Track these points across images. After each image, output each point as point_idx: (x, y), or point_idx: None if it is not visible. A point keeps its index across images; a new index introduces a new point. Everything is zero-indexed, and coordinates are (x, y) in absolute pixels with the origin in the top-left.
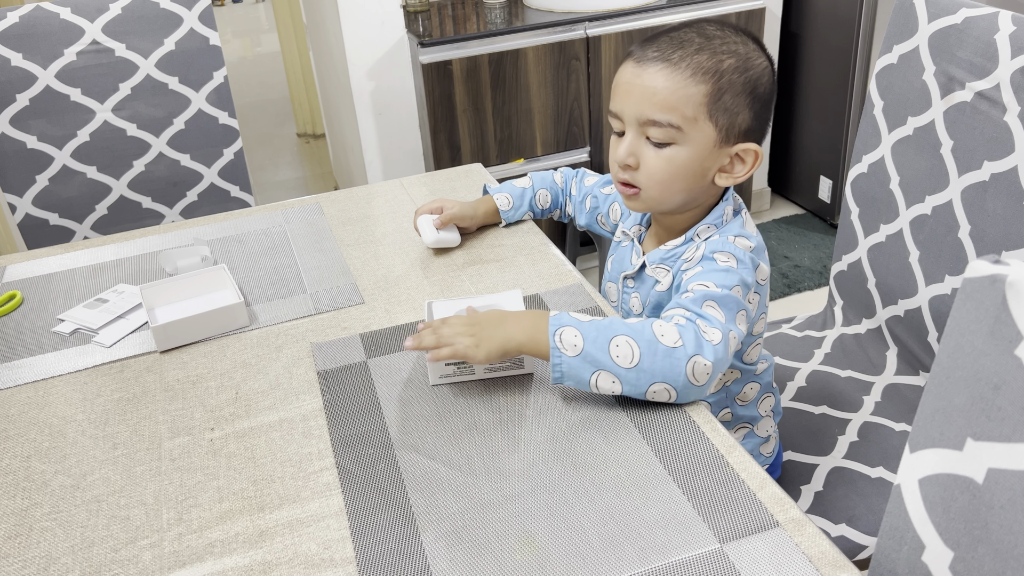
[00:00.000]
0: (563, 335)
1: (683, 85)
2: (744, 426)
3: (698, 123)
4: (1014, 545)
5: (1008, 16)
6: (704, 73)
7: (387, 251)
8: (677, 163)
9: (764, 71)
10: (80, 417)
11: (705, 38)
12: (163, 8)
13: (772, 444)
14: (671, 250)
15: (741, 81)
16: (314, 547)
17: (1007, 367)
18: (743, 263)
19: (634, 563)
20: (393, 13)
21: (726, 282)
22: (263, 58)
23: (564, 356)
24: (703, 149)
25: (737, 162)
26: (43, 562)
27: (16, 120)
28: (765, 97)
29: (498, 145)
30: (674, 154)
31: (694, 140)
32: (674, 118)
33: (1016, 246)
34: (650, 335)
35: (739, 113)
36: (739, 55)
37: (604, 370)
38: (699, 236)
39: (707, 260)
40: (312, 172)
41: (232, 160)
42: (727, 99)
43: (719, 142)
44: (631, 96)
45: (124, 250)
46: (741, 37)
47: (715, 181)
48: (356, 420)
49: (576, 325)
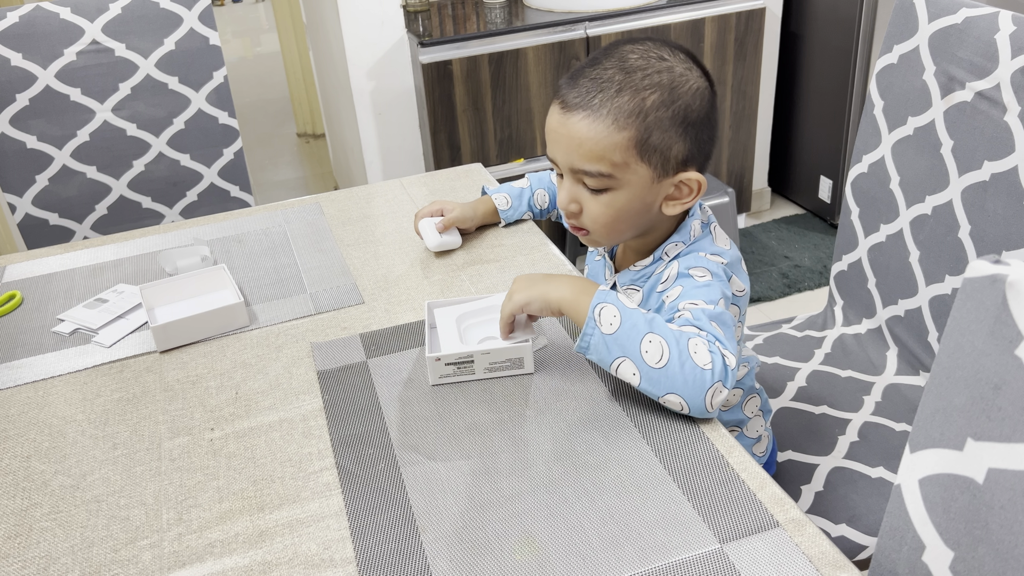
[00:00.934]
0: (603, 311)
1: (607, 134)
2: (733, 429)
3: (630, 167)
4: (1014, 545)
5: (1008, 16)
6: (627, 117)
7: (387, 251)
8: (616, 206)
9: (695, 94)
10: (80, 417)
11: (626, 73)
12: (163, 8)
13: (765, 443)
14: (640, 271)
15: (668, 116)
16: (314, 547)
17: (1007, 367)
18: (718, 276)
19: (634, 563)
20: (393, 13)
21: (712, 297)
22: (263, 58)
23: (597, 330)
24: (641, 189)
25: (683, 188)
26: (43, 562)
27: (16, 120)
28: (700, 121)
29: (498, 145)
30: (612, 199)
31: (629, 183)
32: (603, 167)
33: (1016, 246)
34: (684, 346)
35: (672, 146)
36: (663, 86)
37: (629, 359)
38: (667, 254)
39: (684, 277)
40: (312, 172)
41: (232, 160)
42: (656, 137)
43: (656, 178)
44: (560, 145)
45: (124, 250)
46: (667, 61)
47: (662, 210)
48: (356, 420)
49: (619, 307)
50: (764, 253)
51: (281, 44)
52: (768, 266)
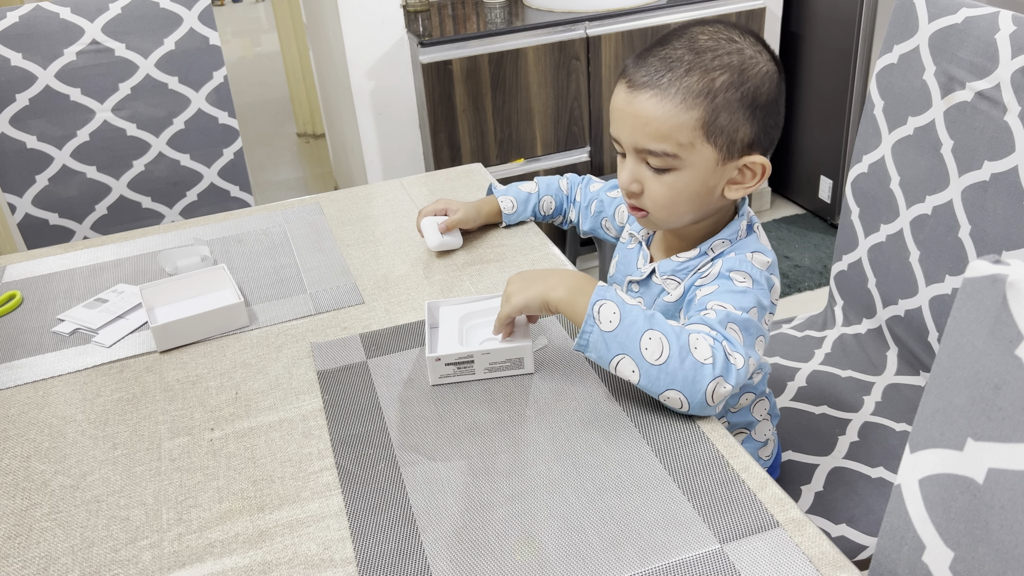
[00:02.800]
0: (603, 308)
1: (674, 113)
2: (741, 431)
3: (695, 147)
4: (1014, 545)
5: (1008, 16)
6: (696, 97)
7: (387, 251)
8: (679, 187)
9: (764, 77)
10: (80, 417)
11: (696, 53)
12: (163, 8)
13: (771, 447)
14: (684, 262)
15: (737, 97)
16: (314, 547)
17: (1007, 367)
18: (759, 284)
19: (634, 563)
20: (393, 13)
21: (744, 304)
22: (263, 58)
23: (596, 328)
24: (705, 170)
25: (747, 172)
26: (43, 562)
27: (16, 120)
28: (768, 104)
29: (498, 145)
30: (675, 179)
31: (694, 164)
32: (669, 147)
33: (1017, 246)
34: (685, 342)
35: (739, 129)
36: (732, 67)
37: (628, 356)
38: (712, 250)
39: (723, 279)
40: (312, 172)
41: (232, 160)
42: (723, 119)
43: (721, 160)
44: (625, 124)
45: (124, 250)
46: (737, 43)
47: (724, 194)
48: (356, 420)
49: (619, 304)
50: None
51: (281, 44)
52: None
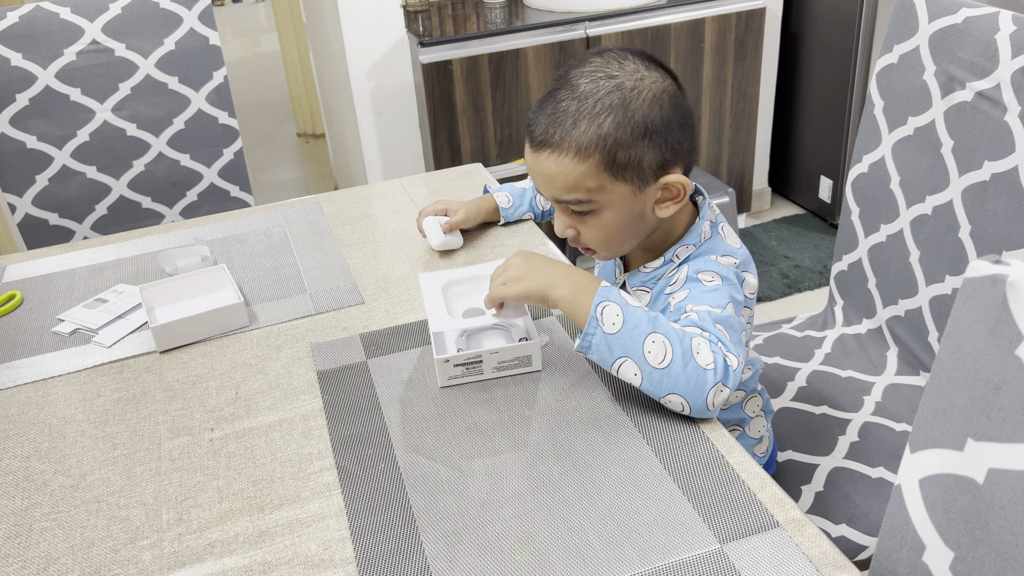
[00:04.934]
0: (606, 309)
1: (573, 166)
2: (734, 428)
3: (607, 188)
4: (1014, 545)
5: (1008, 16)
6: (587, 147)
7: (387, 251)
8: (607, 225)
9: (652, 103)
10: (80, 417)
11: (579, 101)
12: (163, 8)
13: (766, 444)
14: (651, 272)
15: (628, 133)
16: (314, 547)
17: (1007, 367)
18: (728, 280)
19: (634, 563)
20: (393, 13)
21: (719, 302)
22: (263, 58)
23: (599, 330)
24: (625, 203)
25: (672, 189)
26: (43, 562)
27: (16, 120)
28: (664, 126)
29: (498, 145)
30: (600, 220)
31: (611, 202)
32: (581, 195)
33: (1017, 246)
34: (688, 346)
35: (642, 159)
36: (615, 107)
37: (631, 359)
38: (678, 257)
39: (692, 281)
40: (312, 172)
41: (232, 160)
42: (622, 156)
43: (636, 190)
44: (538, 181)
45: (124, 250)
46: (616, 78)
47: (657, 214)
48: (356, 420)
49: (622, 305)
50: (764, 253)
51: (281, 44)
52: (768, 266)
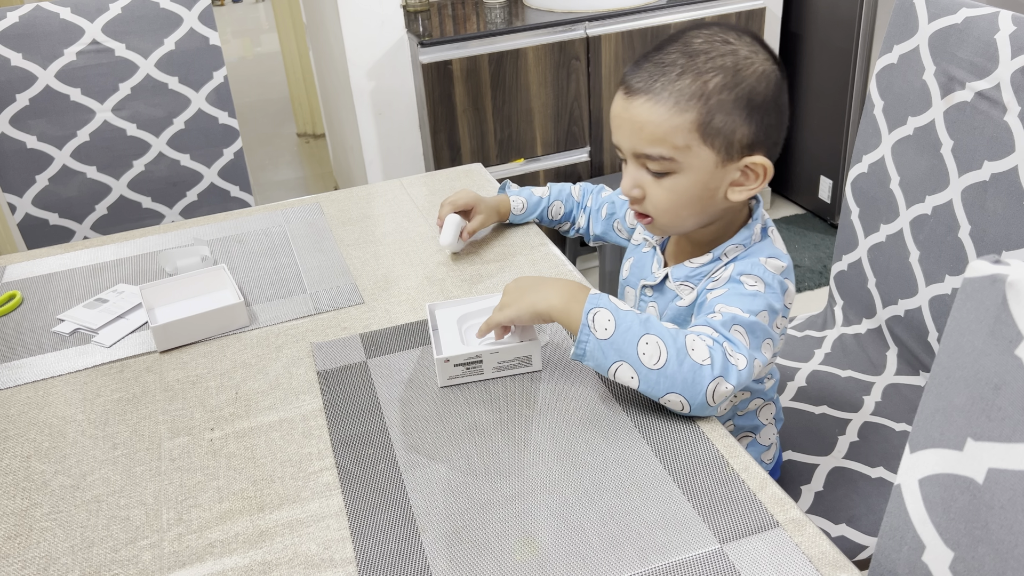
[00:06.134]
0: (597, 316)
1: (667, 117)
2: (747, 435)
3: (692, 150)
4: (1014, 545)
5: (1008, 16)
6: (688, 100)
7: (387, 251)
8: (679, 191)
9: (760, 77)
10: (80, 417)
11: (689, 57)
12: (163, 8)
13: (773, 451)
14: (697, 268)
15: (731, 98)
16: (314, 547)
17: (1007, 367)
18: (771, 287)
19: (634, 563)
20: (393, 13)
21: (752, 307)
22: (263, 58)
23: (592, 336)
24: (704, 173)
25: (749, 173)
26: (43, 562)
27: (16, 120)
28: (765, 104)
29: (498, 145)
30: (675, 183)
31: (692, 166)
32: (665, 150)
33: (1016, 246)
34: (682, 344)
35: (736, 130)
36: (726, 69)
37: (626, 363)
38: (726, 255)
39: (734, 282)
40: (312, 172)
41: (232, 160)
42: (719, 120)
43: (720, 162)
44: (623, 130)
45: (124, 250)
46: (732, 44)
47: (728, 197)
48: (356, 420)
49: (612, 310)
50: None
51: (281, 44)
52: None
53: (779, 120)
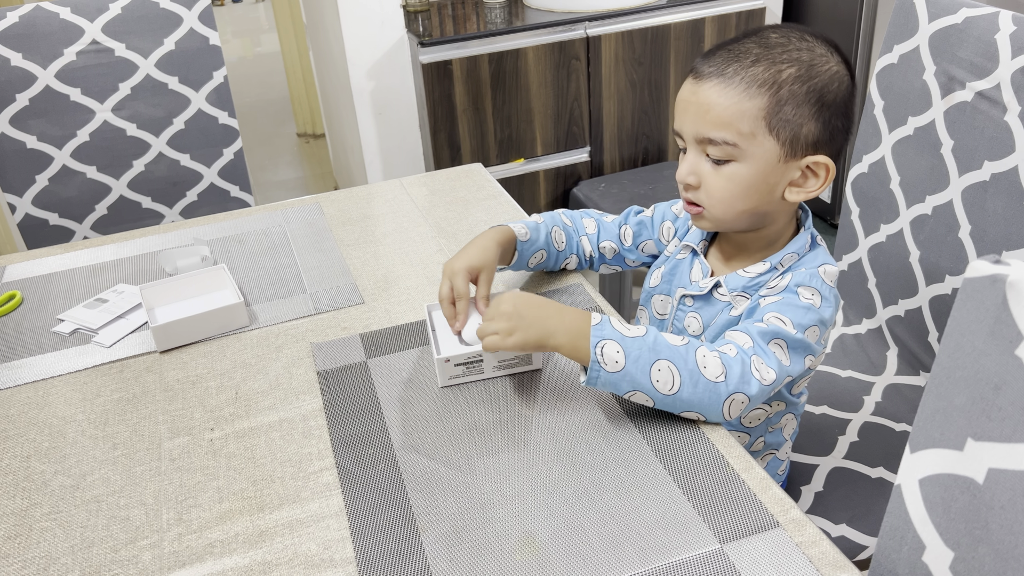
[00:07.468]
0: (605, 348)
1: (737, 100)
2: (771, 452)
3: (757, 138)
4: (1014, 545)
5: (1008, 16)
6: (760, 86)
7: (387, 251)
8: (738, 180)
9: (834, 77)
10: (80, 417)
11: (764, 48)
12: (163, 8)
13: (785, 464)
14: (754, 278)
15: (803, 91)
16: (314, 547)
17: (1007, 367)
18: (827, 300)
19: (634, 563)
20: (393, 13)
21: (803, 321)
22: (263, 58)
23: (603, 370)
24: (766, 165)
25: (809, 175)
26: (43, 562)
27: (16, 120)
28: (836, 105)
29: (498, 145)
30: (734, 171)
31: (754, 156)
32: (729, 135)
33: (1017, 246)
34: (693, 365)
35: (803, 124)
36: (801, 62)
37: (641, 392)
38: (782, 264)
39: (790, 292)
40: (312, 172)
41: (232, 160)
42: (788, 111)
43: (784, 156)
44: (688, 114)
45: (124, 250)
46: (808, 43)
47: (785, 196)
48: (356, 420)
49: (619, 340)
50: None
51: (281, 44)
52: None
53: (846, 125)
